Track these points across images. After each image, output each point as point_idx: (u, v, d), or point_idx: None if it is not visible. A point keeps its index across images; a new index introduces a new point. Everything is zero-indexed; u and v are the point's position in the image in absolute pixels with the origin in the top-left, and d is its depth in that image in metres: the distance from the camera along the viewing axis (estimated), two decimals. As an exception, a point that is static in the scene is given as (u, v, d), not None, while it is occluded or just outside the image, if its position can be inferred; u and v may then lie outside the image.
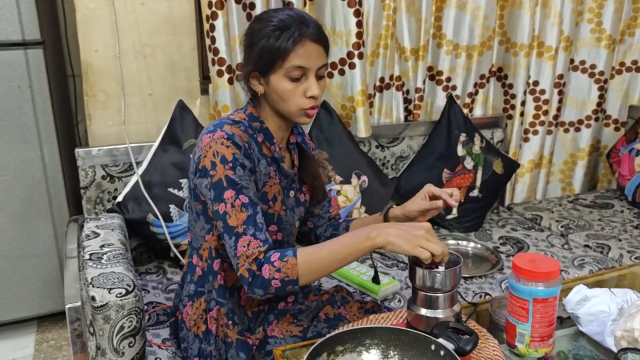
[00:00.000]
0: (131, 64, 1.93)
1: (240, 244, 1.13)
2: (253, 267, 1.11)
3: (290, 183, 1.34)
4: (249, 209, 1.15)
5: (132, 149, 1.87)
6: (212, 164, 1.16)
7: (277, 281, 1.11)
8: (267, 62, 1.18)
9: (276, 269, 1.10)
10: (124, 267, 1.41)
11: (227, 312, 1.29)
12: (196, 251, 1.32)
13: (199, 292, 1.32)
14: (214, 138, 1.17)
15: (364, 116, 2.09)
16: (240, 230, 1.13)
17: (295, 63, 1.16)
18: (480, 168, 2.24)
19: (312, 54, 1.17)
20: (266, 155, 1.26)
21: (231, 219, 1.14)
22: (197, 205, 1.26)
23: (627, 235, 2.15)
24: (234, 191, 1.15)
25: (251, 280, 1.12)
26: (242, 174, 1.16)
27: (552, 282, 1.10)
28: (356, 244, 1.12)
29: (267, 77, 1.20)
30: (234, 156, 1.16)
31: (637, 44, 2.56)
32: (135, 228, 1.82)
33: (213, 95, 1.96)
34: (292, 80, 1.18)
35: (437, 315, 1.16)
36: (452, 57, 2.30)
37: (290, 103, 1.20)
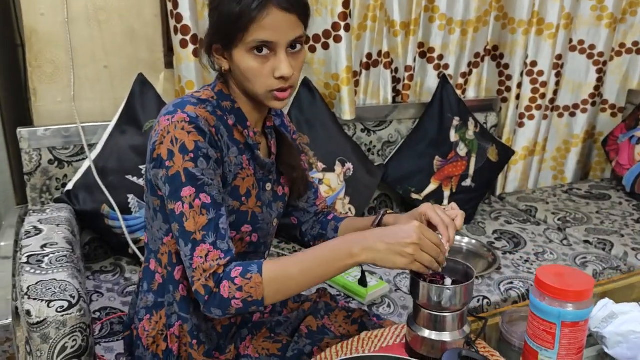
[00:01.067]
0: (83, 31, 1.66)
1: (197, 254, 0.93)
2: (210, 283, 0.92)
3: (266, 174, 1.12)
4: (210, 211, 0.94)
5: (84, 130, 1.63)
6: (170, 153, 0.94)
7: (238, 301, 0.92)
8: (226, 34, 0.95)
9: (237, 287, 0.91)
10: (68, 272, 1.19)
11: (191, 329, 1.07)
12: (154, 255, 1.09)
13: (158, 304, 1.10)
14: (173, 121, 0.94)
15: (349, 96, 1.88)
16: (198, 237, 0.93)
17: (257, 37, 0.93)
18: (473, 155, 2.06)
19: (281, 25, 0.94)
20: (238, 141, 1.04)
21: (188, 222, 0.93)
22: (155, 200, 1.04)
23: (630, 230, 2.01)
24: (193, 188, 0.93)
25: (207, 298, 0.93)
26: (205, 167, 0.94)
27: (585, 303, 0.92)
28: (335, 261, 0.92)
29: (230, 50, 0.97)
30: (196, 144, 0.94)
31: (639, 23, 2.40)
32: (87, 221, 1.59)
33: (177, 69, 1.71)
34: (257, 56, 0.95)
35: (444, 339, 0.98)
36: (445, 33, 2.09)
37: (255, 83, 0.98)
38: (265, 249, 1.18)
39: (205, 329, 1.10)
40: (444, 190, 2.03)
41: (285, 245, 1.81)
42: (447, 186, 2.03)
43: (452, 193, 2.03)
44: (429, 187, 2.02)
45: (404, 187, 2.02)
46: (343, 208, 1.86)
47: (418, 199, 2.02)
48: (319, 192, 1.29)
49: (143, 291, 1.12)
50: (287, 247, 1.80)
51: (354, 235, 0.95)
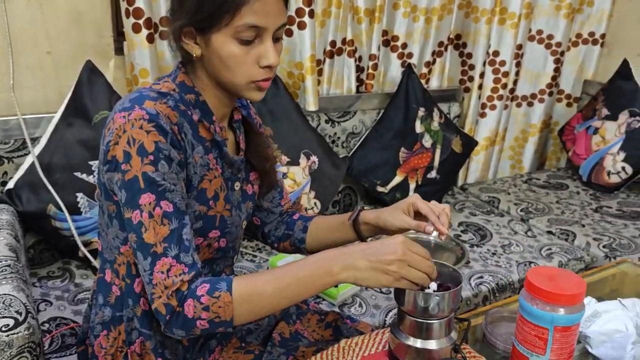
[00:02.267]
0: (23, 13, 1.50)
1: (157, 269, 0.84)
2: (172, 301, 0.83)
3: (235, 172, 1.03)
4: (172, 220, 0.84)
5: (26, 122, 1.48)
6: (126, 155, 0.83)
7: (203, 322, 0.84)
8: (209, 16, 0.85)
9: (203, 307, 0.83)
10: (12, 285, 1.06)
11: (154, 346, 0.98)
12: (110, 265, 0.99)
13: (116, 318, 0.99)
14: (129, 119, 0.84)
15: (314, 86, 1.80)
16: (159, 250, 0.84)
17: (248, 21, 0.85)
18: (438, 146, 2.03)
19: (272, 9, 0.87)
20: (204, 138, 0.94)
21: (148, 233, 0.83)
22: (110, 205, 0.93)
23: (589, 220, 2.03)
24: (153, 195, 0.83)
25: (169, 318, 0.84)
26: (166, 171, 0.84)
27: (576, 307, 0.89)
28: (313, 279, 0.85)
29: (206, 35, 0.87)
30: (156, 146, 0.83)
31: (595, 14, 2.42)
32: (31, 222, 1.46)
33: (129, 56, 1.58)
34: (242, 42, 0.87)
35: (431, 347, 0.93)
36: (409, 21, 2.04)
37: (236, 72, 0.89)
38: (233, 253, 1.10)
39: (170, 345, 1.00)
40: (410, 183, 1.99)
41: (247, 242, 1.72)
42: (413, 178, 1.99)
43: (417, 185, 2.00)
44: (394, 180, 1.97)
45: (369, 179, 1.96)
46: (308, 203, 1.78)
47: (383, 192, 1.98)
48: (284, 191, 1.21)
49: (98, 305, 1.01)
50: (249, 244, 1.72)
51: (333, 251, 0.88)
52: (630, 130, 2.20)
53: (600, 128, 2.29)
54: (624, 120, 2.23)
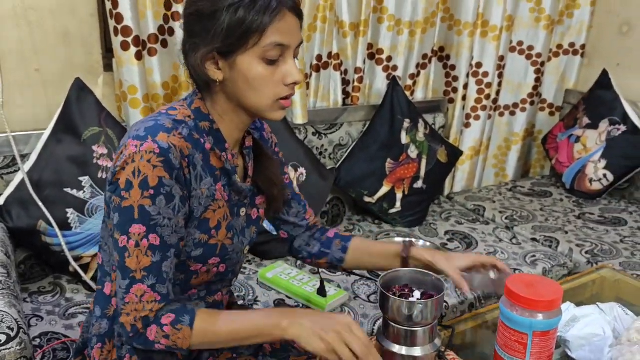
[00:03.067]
0: (11, 32, 1.52)
1: (133, 291, 0.89)
2: (138, 324, 0.90)
3: (242, 199, 1.04)
4: (156, 254, 0.88)
5: (15, 139, 1.49)
6: (128, 184, 0.86)
7: (162, 346, 0.91)
8: (236, 39, 0.87)
9: (164, 335, 0.90)
10: (4, 301, 1.08)
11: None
12: (109, 279, 1.00)
13: (112, 332, 1.01)
14: (140, 150, 0.86)
15: (302, 99, 1.83)
16: (137, 276, 0.89)
17: (274, 40, 0.88)
18: (424, 157, 2.07)
19: (292, 28, 0.90)
20: (214, 167, 0.96)
21: (130, 259, 0.88)
22: (110, 223, 0.95)
23: (572, 226, 2.07)
24: (144, 227, 0.87)
25: (132, 335, 0.91)
26: (163, 206, 0.87)
27: (554, 312, 0.92)
28: (263, 329, 0.90)
29: (231, 58, 0.89)
30: (160, 181, 0.86)
31: (575, 25, 2.48)
32: (22, 238, 1.47)
33: (117, 73, 1.60)
34: (268, 63, 0.90)
35: (415, 354, 0.96)
36: (393, 34, 2.08)
37: (263, 93, 0.91)
38: (232, 276, 1.11)
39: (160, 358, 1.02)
40: (397, 193, 2.02)
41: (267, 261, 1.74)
42: (400, 188, 2.02)
43: (404, 195, 2.03)
44: (381, 190, 2.00)
45: (357, 190, 1.99)
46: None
47: (371, 202, 2.01)
48: (307, 204, 1.23)
49: (95, 317, 1.02)
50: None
51: (288, 310, 0.98)
52: (611, 138, 2.25)
53: (582, 136, 2.34)
54: (604, 128, 2.28)
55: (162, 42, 1.63)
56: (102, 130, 1.53)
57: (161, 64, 1.62)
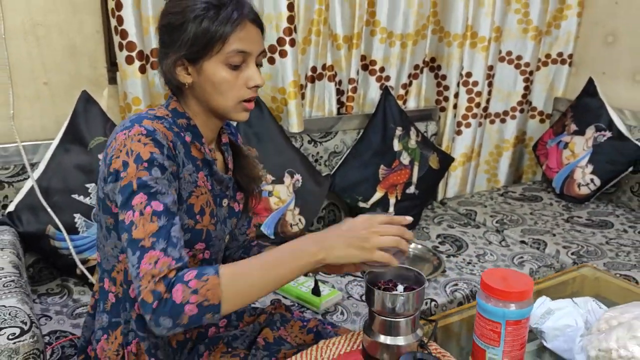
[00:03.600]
0: (20, 48, 1.62)
1: (145, 261, 0.88)
2: (160, 287, 0.86)
3: (224, 190, 1.14)
4: (161, 218, 0.91)
5: (25, 149, 1.58)
6: (124, 164, 0.93)
7: (192, 306, 0.86)
8: (202, 47, 0.98)
9: (192, 290, 0.86)
10: (17, 298, 1.15)
11: (148, 347, 1.07)
12: (107, 274, 1.08)
13: (113, 324, 1.09)
14: (129, 135, 0.95)
15: (297, 109, 1.92)
16: (147, 244, 0.89)
17: (236, 47, 0.98)
18: (416, 163, 2.14)
19: (254, 37, 1.01)
20: (195, 157, 1.05)
21: (137, 229, 0.90)
22: (108, 219, 1.03)
23: (560, 229, 2.15)
24: (145, 195, 0.91)
25: (156, 305, 0.86)
26: (159, 176, 0.94)
27: (526, 302, 0.99)
28: (296, 260, 0.93)
29: (198, 64, 1.00)
30: (151, 155, 0.94)
31: (562, 36, 2.57)
32: (31, 242, 1.55)
33: (122, 85, 1.69)
34: (231, 67, 1.00)
35: (399, 343, 1.03)
36: (386, 46, 2.17)
37: (227, 95, 1.02)
38: (216, 264, 1.19)
39: (162, 346, 1.10)
40: (390, 198, 2.10)
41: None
42: (393, 194, 2.10)
43: (397, 200, 2.11)
44: (375, 196, 2.08)
45: (351, 196, 2.07)
46: (293, 219, 1.89)
47: (365, 207, 2.08)
48: (252, 222, 1.32)
49: (99, 311, 1.10)
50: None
51: (312, 235, 0.97)
52: (597, 144, 2.33)
53: (570, 142, 2.42)
54: (590, 134, 2.36)
55: (163, 55, 1.72)
56: (107, 139, 1.61)
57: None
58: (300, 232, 1.91)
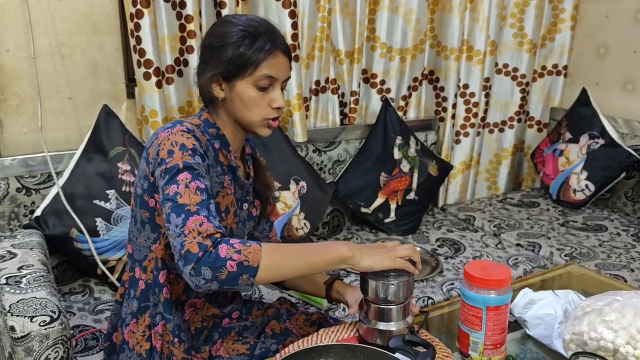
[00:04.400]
0: (48, 66, 1.76)
1: (191, 222, 0.98)
2: (207, 242, 0.96)
3: (245, 195, 1.27)
4: (204, 194, 1.03)
5: (52, 158, 1.72)
6: (170, 153, 1.07)
7: (233, 263, 0.95)
8: (236, 68, 1.13)
9: (236, 250, 0.96)
10: (47, 291, 1.28)
11: (173, 328, 1.19)
12: (139, 264, 1.21)
13: (143, 308, 1.21)
14: (173, 132, 1.09)
15: (301, 121, 2.04)
16: (192, 209, 0.99)
17: (266, 72, 1.12)
18: (416, 171, 2.26)
19: (283, 66, 1.15)
20: (222, 163, 1.19)
21: (183, 197, 1.01)
22: (144, 213, 1.16)
23: (555, 233, 2.24)
24: (190, 174, 1.04)
25: (202, 255, 0.95)
26: (201, 163, 1.08)
27: (504, 290, 1.10)
28: (327, 253, 1.05)
29: (232, 82, 1.14)
30: (194, 146, 1.08)
31: (557, 48, 2.68)
32: (56, 245, 1.67)
33: (140, 100, 1.83)
34: (259, 89, 1.14)
35: (391, 328, 1.13)
36: (386, 60, 2.30)
37: (253, 112, 1.15)
38: None
39: (185, 329, 1.22)
40: (391, 204, 2.21)
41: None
42: (394, 200, 2.21)
43: (398, 206, 2.22)
44: (376, 201, 2.19)
45: (354, 202, 2.19)
46: (299, 223, 2.00)
47: (367, 213, 2.20)
48: (274, 226, 1.44)
49: (129, 298, 1.22)
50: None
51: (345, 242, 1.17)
52: (591, 151, 2.43)
53: (565, 150, 2.52)
54: (584, 142, 2.46)
55: (178, 72, 1.86)
56: (126, 149, 1.75)
57: (178, 91, 1.85)
58: (306, 235, 2.03)
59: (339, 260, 1.05)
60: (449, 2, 2.36)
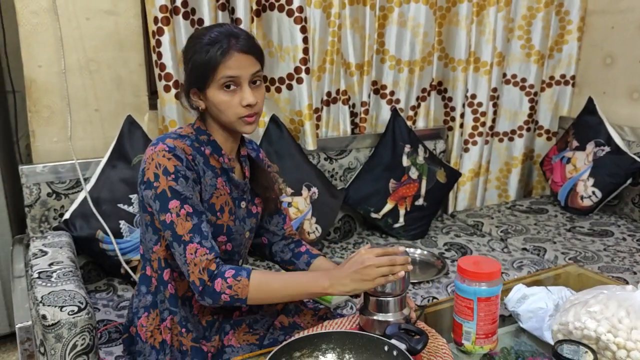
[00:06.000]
0: (76, 80, 1.90)
1: (188, 252, 1.18)
2: (204, 276, 1.17)
3: (241, 194, 1.36)
4: (193, 217, 1.19)
5: (79, 165, 1.84)
6: (155, 176, 1.20)
7: (226, 296, 1.17)
8: (200, 77, 1.21)
9: (228, 286, 1.17)
10: (74, 284, 1.39)
11: (180, 320, 1.30)
12: (148, 262, 1.33)
13: (155, 303, 1.32)
14: (155, 150, 1.21)
15: (311, 130, 2.15)
16: (186, 239, 1.18)
17: (225, 73, 1.19)
18: (424, 178, 2.34)
19: (242, 63, 1.21)
20: (214, 166, 1.29)
21: (178, 227, 1.18)
22: (146, 216, 1.28)
23: (561, 238, 2.29)
24: (178, 201, 1.19)
25: (201, 289, 1.18)
26: (184, 185, 1.20)
27: (494, 282, 1.18)
28: (309, 288, 1.21)
29: (204, 91, 1.23)
30: (175, 168, 1.19)
31: (564, 59, 2.75)
32: (83, 246, 1.79)
33: (160, 111, 1.96)
34: (226, 91, 1.21)
35: (388, 319, 1.21)
36: (395, 72, 2.39)
37: (228, 113, 1.23)
38: (239, 257, 1.41)
39: (193, 321, 1.32)
40: (400, 209, 2.29)
41: (260, 262, 2.04)
42: (402, 205, 2.30)
43: (406, 212, 2.30)
44: (385, 207, 2.28)
45: (364, 207, 2.28)
46: (310, 227, 2.10)
47: (377, 218, 2.28)
48: (287, 218, 1.54)
49: (142, 293, 1.34)
50: (261, 264, 2.03)
51: (326, 271, 1.28)
52: (597, 158, 2.48)
53: (572, 157, 2.58)
54: (591, 150, 2.51)
55: (196, 84, 1.98)
56: (147, 157, 1.87)
57: (195, 102, 1.98)
58: (317, 239, 2.12)
59: (321, 292, 1.21)
60: (455, 16, 2.45)
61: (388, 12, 2.33)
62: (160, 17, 1.81)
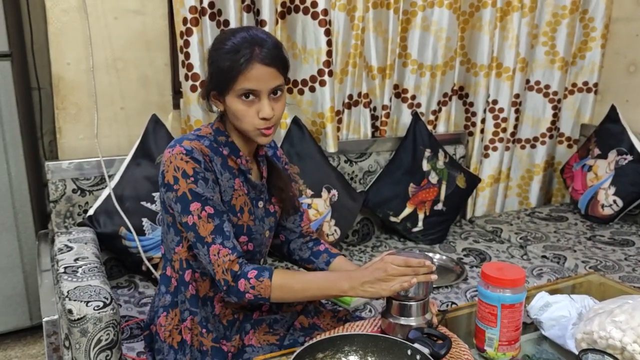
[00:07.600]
0: (103, 78, 1.93)
1: (211, 253, 1.20)
2: (228, 277, 1.19)
3: (258, 194, 1.37)
4: (215, 219, 1.21)
5: (104, 162, 1.87)
6: (175, 179, 1.20)
7: (250, 295, 1.21)
8: (220, 83, 1.21)
9: (251, 286, 1.20)
10: (100, 280, 1.42)
11: (200, 320, 1.31)
12: (169, 263, 1.34)
13: (174, 303, 1.33)
14: (173, 153, 1.21)
15: (333, 132, 2.15)
16: (209, 240, 1.20)
17: (244, 86, 1.17)
18: (444, 182, 2.33)
19: (263, 77, 1.18)
20: (231, 167, 1.29)
21: (200, 229, 1.20)
22: (168, 217, 1.29)
23: (582, 246, 2.27)
24: (199, 203, 1.20)
25: (226, 289, 1.21)
26: (204, 187, 1.21)
27: (519, 289, 1.17)
28: (328, 290, 1.25)
29: (223, 96, 1.23)
30: (194, 170, 1.20)
31: (587, 66, 2.73)
32: (106, 242, 1.82)
33: (185, 110, 1.98)
34: (244, 100, 1.19)
35: (410, 323, 1.21)
36: (416, 76, 2.39)
37: (244, 122, 1.22)
38: (260, 256, 1.42)
39: (213, 322, 1.33)
40: (419, 214, 2.29)
41: (278, 263, 2.05)
42: (421, 210, 2.29)
43: (425, 216, 2.30)
44: (405, 211, 2.28)
45: (383, 210, 2.28)
46: (329, 229, 2.11)
47: (396, 222, 2.28)
48: (304, 216, 1.54)
49: (161, 293, 1.35)
50: (280, 264, 2.04)
51: (346, 272, 1.31)
52: (619, 167, 2.46)
53: (593, 166, 2.56)
54: (612, 158, 2.49)
55: (220, 85, 2.00)
56: (171, 155, 1.89)
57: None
58: (336, 241, 2.13)
59: (341, 295, 1.23)
60: (478, 21, 2.45)
61: (411, 16, 2.33)
62: (190, 17, 1.83)
